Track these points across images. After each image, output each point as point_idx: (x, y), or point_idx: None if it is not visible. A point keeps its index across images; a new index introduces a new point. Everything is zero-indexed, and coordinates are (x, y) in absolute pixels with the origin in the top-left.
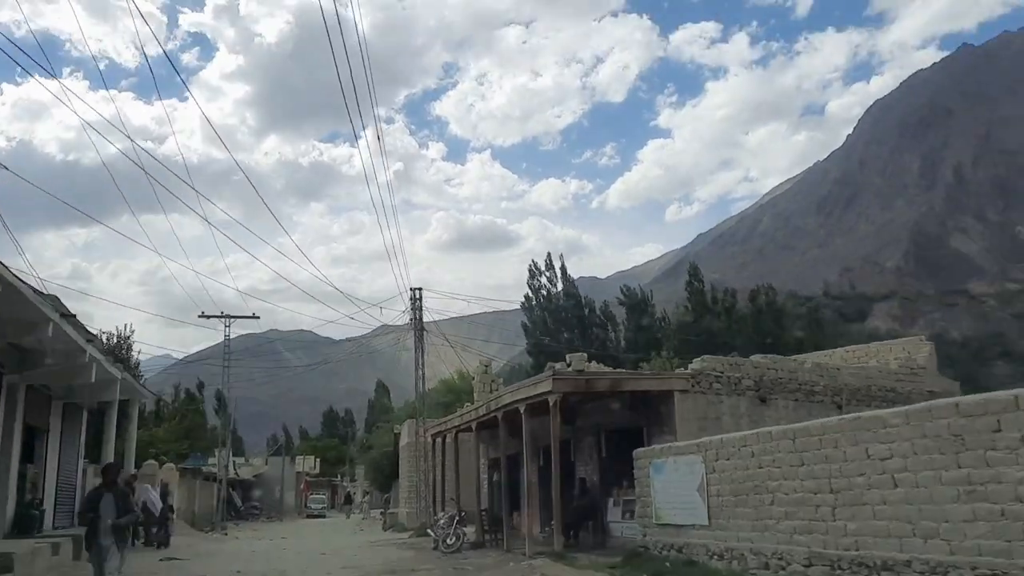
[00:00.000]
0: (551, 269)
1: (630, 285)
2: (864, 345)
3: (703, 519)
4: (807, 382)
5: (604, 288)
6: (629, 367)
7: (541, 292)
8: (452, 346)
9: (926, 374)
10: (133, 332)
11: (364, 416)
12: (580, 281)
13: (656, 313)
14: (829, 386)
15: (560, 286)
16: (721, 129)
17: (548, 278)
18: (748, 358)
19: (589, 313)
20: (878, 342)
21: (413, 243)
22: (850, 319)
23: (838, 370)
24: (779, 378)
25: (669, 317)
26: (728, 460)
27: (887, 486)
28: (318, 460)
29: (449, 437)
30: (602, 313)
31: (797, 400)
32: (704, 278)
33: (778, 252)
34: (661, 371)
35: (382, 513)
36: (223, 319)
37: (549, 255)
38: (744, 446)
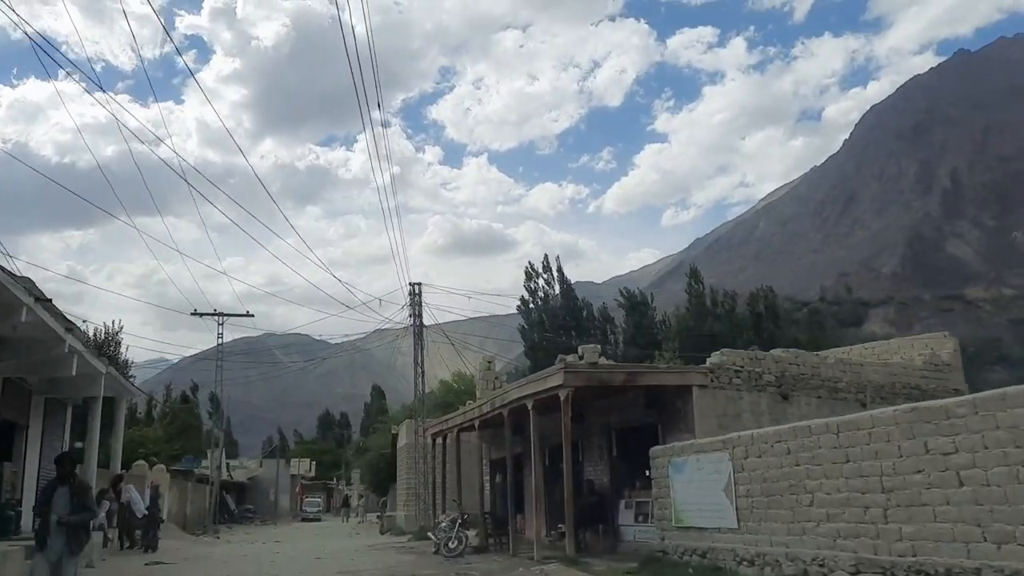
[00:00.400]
0: (548, 271)
1: (628, 289)
2: (885, 341)
3: (731, 522)
4: (830, 378)
5: (600, 293)
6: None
7: (538, 294)
8: (452, 343)
9: (951, 371)
10: (122, 328)
11: (360, 420)
12: (576, 286)
13: (656, 316)
14: (852, 382)
15: (557, 289)
16: (718, 134)
17: (545, 280)
18: (769, 352)
19: (587, 315)
20: (899, 338)
21: (409, 247)
22: (847, 324)
23: (862, 366)
24: (801, 374)
25: (670, 320)
26: (759, 457)
27: (951, 484)
28: (314, 463)
29: (450, 437)
30: (600, 315)
31: (820, 397)
32: (703, 281)
33: (775, 257)
34: (677, 365)
35: (379, 517)
36: (216, 317)
37: (546, 256)
38: (778, 442)
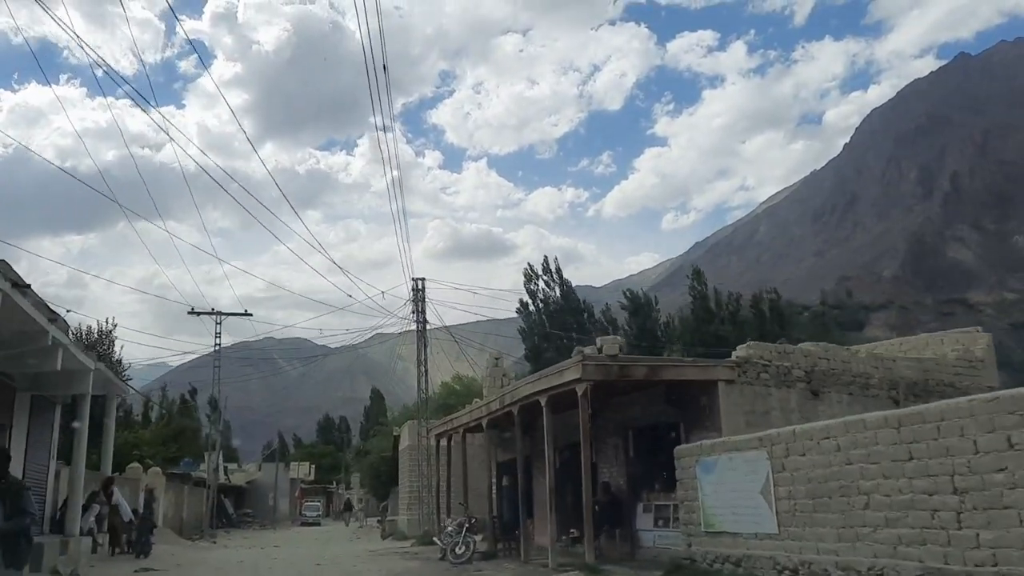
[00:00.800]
0: (548, 273)
1: (631, 291)
2: (913, 337)
3: (770, 526)
4: (862, 374)
5: (600, 297)
6: None
7: (538, 296)
8: (455, 338)
9: (984, 367)
10: (116, 326)
11: (359, 424)
12: (576, 290)
13: (660, 318)
14: (885, 379)
15: (558, 291)
16: (718, 138)
17: (545, 282)
18: (797, 345)
19: (588, 317)
20: (927, 334)
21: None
22: (847, 328)
23: (894, 361)
24: (831, 369)
25: (674, 321)
26: (803, 456)
27: None
28: (313, 467)
29: (456, 437)
30: (603, 316)
31: (851, 394)
32: (707, 282)
33: (775, 261)
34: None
35: (379, 521)
36: (214, 316)
37: (546, 258)
38: (826, 438)
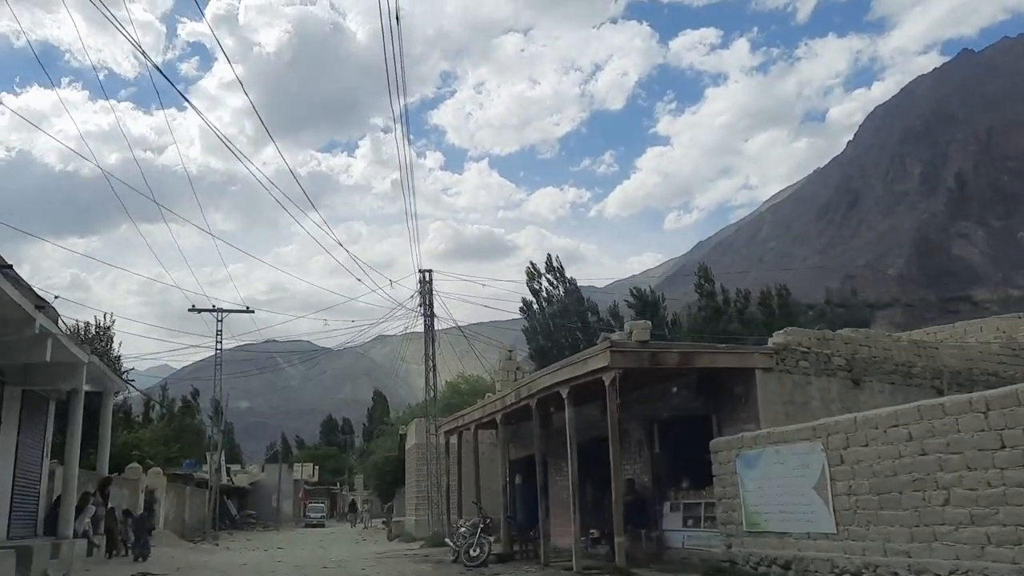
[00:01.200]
0: (552, 271)
1: (638, 289)
2: (950, 325)
3: (826, 525)
4: (904, 362)
5: (603, 297)
6: None
7: (541, 295)
8: (463, 332)
9: None
10: (114, 322)
11: (362, 426)
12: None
13: (667, 316)
14: (928, 367)
15: (561, 290)
16: (721, 136)
17: (549, 280)
18: (837, 332)
19: (593, 316)
20: (964, 321)
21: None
22: (853, 326)
23: (937, 349)
24: (873, 357)
25: (681, 319)
26: (866, 446)
27: None
28: (317, 468)
29: (467, 434)
30: (609, 314)
31: (893, 383)
32: (714, 280)
33: (779, 260)
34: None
35: (384, 522)
36: (215, 313)
37: (549, 256)
38: (894, 426)
